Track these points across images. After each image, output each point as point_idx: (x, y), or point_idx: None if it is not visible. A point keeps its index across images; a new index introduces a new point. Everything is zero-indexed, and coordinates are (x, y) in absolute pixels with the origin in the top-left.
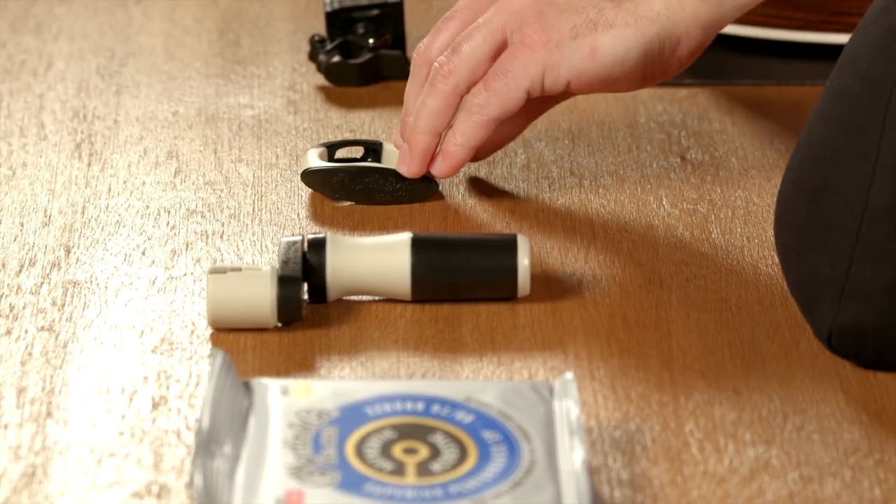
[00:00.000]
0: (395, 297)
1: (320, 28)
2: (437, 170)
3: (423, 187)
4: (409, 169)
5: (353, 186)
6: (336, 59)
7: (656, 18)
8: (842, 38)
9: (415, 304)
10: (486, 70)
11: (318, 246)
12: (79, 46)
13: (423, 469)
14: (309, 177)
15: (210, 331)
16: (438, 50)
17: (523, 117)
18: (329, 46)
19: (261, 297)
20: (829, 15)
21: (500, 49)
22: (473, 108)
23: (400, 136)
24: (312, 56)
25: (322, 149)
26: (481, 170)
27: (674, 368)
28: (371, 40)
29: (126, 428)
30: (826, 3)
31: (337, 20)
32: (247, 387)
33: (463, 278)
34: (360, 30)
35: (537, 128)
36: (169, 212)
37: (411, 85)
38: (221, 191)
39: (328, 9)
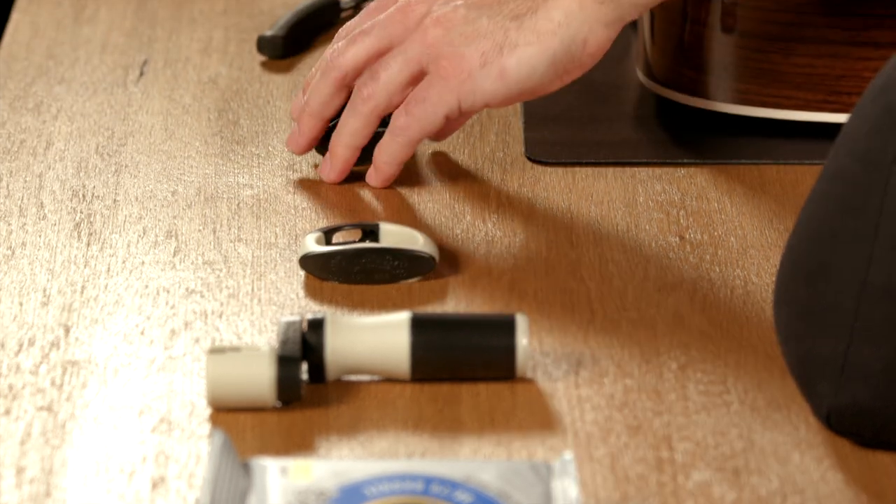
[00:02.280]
0: (394, 376)
1: None
2: (372, 182)
3: (421, 263)
4: (329, 175)
5: (352, 268)
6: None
7: (557, 30)
8: (840, 118)
9: (413, 383)
10: (404, 95)
11: (317, 326)
12: (78, 126)
13: None
14: (307, 262)
15: (209, 410)
16: (352, 62)
17: (459, 118)
18: (330, 125)
19: (260, 377)
20: (828, 95)
21: (416, 77)
22: (396, 130)
23: (293, 111)
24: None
25: (319, 234)
26: (480, 248)
27: (673, 448)
28: None
29: None
30: (824, 82)
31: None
32: (246, 467)
33: (462, 358)
34: None
35: (536, 206)
36: (168, 291)
37: (319, 82)
38: (220, 270)
39: None
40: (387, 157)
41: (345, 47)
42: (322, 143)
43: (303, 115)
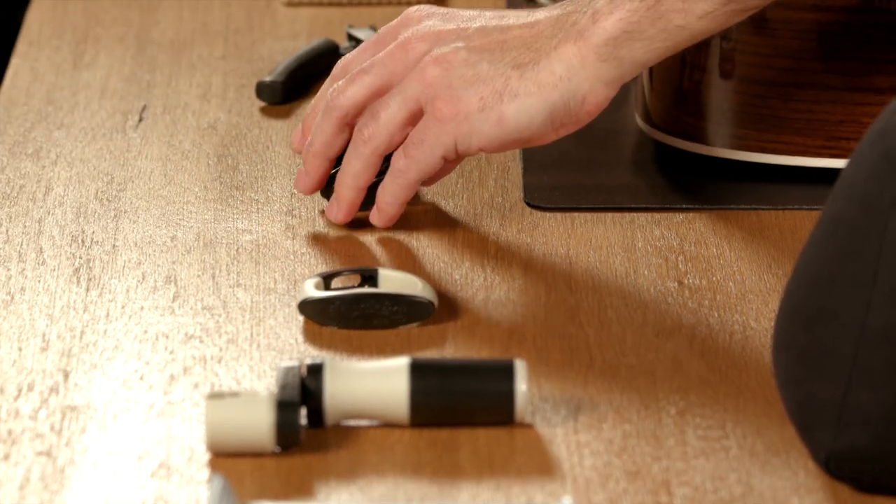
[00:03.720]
0: (393, 421)
1: None
2: (375, 222)
3: (420, 308)
4: (337, 217)
5: (350, 313)
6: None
7: (558, 83)
8: (839, 164)
9: (412, 428)
10: (404, 134)
11: (316, 371)
12: (77, 171)
13: None
14: (306, 308)
15: (208, 456)
16: (352, 101)
17: (454, 161)
18: (333, 171)
19: (259, 423)
20: (827, 140)
21: (416, 115)
22: (396, 172)
23: (293, 143)
24: None
25: (318, 279)
26: (479, 294)
27: (672, 493)
28: None
29: None
30: (823, 128)
31: None
32: None
33: (461, 403)
34: None
35: (535, 252)
36: (167, 337)
37: (321, 122)
38: (219, 316)
39: None
40: (389, 198)
41: (345, 86)
42: (327, 186)
43: (307, 155)
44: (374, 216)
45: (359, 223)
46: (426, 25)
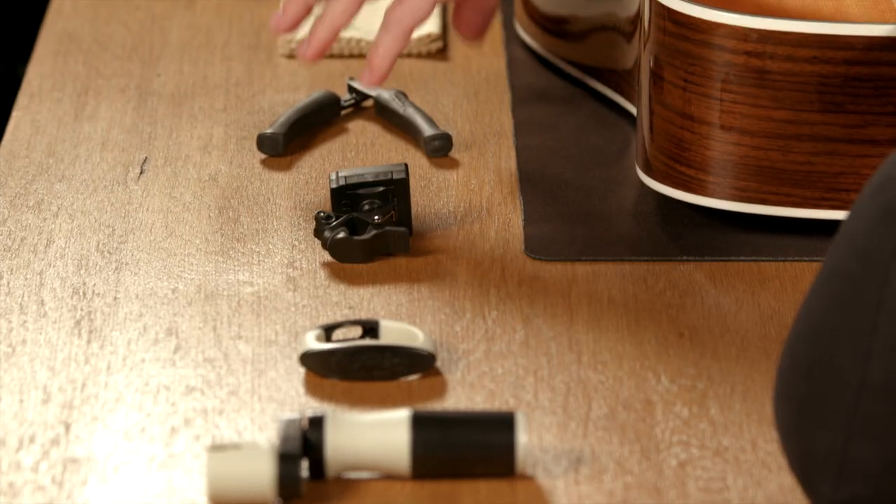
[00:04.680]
0: (394, 474)
1: (320, 205)
2: (366, 81)
3: (421, 360)
4: (306, 53)
5: (351, 365)
6: (341, 235)
7: None
8: (839, 215)
9: (414, 480)
10: None
11: (317, 423)
12: (78, 223)
13: None
14: (307, 360)
15: None
16: None
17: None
18: (334, 223)
19: (260, 475)
20: (826, 192)
21: None
22: (389, 23)
23: (271, 23)
24: (318, 232)
25: (319, 331)
26: (480, 346)
27: None
28: (376, 217)
29: None
30: (823, 180)
31: (342, 196)
32: None
33: (462, 455)
34: (366, 206)
35: (536, 304)
36: (168, 389)
37: None
38: (221, 368)
39: (333, 185)
40: (382, 50)
41: None
42: (320, 232)
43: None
44: (365, 76)
45: (358, 274)
46: None
